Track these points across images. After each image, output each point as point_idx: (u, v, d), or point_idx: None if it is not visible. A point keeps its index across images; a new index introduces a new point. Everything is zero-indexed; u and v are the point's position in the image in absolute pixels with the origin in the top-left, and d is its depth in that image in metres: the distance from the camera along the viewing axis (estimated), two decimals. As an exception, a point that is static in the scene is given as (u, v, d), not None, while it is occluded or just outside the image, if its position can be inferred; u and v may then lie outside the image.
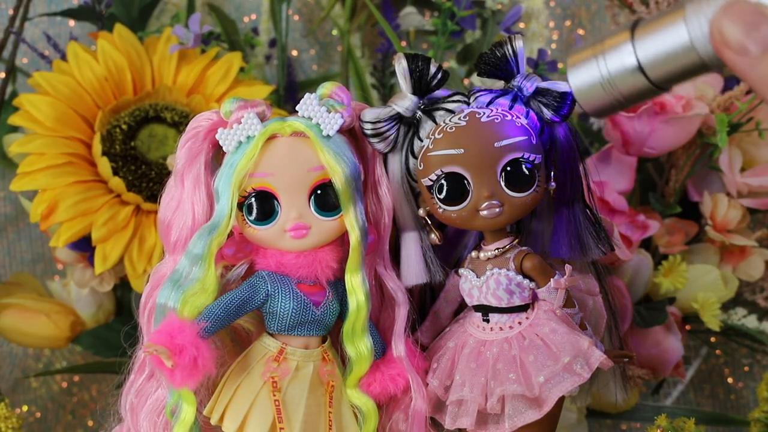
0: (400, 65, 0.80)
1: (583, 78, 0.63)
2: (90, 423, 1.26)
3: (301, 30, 1.31)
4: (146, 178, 1.03)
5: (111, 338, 1.10)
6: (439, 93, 0.82)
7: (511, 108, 0.80)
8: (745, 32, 0.57)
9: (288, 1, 1.20)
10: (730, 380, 1.29)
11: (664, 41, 0.60)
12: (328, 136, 0.78)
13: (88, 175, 1.02)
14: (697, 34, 0.58)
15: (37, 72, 1.04)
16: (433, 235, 0.83)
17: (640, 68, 0.61)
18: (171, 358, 0.73)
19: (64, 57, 1.08)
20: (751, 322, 1.10)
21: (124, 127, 1.04)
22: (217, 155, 0.81)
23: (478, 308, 0.82)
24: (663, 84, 0.61)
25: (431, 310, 0.87)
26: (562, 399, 0.79)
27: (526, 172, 0.78)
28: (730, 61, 0.58)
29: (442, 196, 0.79)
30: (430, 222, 0.83)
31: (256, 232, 0.79)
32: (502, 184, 0.78)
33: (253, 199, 0.78)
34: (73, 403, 1.26)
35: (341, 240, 0.80)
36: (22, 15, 1.15)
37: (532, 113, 0.80)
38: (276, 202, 0.78)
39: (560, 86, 0.80)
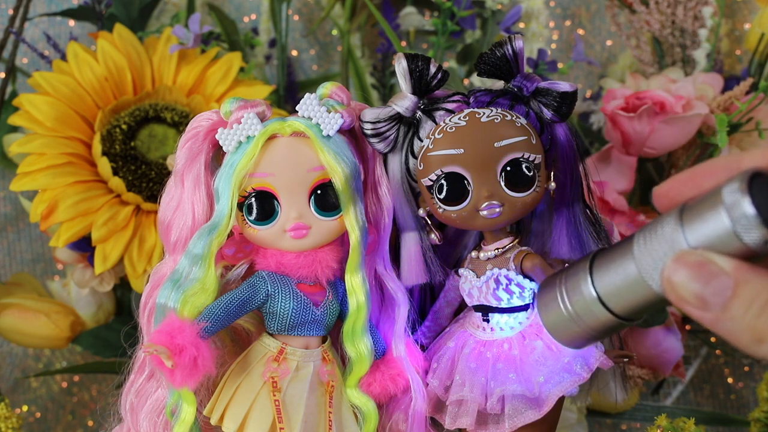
0: (400, 65, 0.80)
1: (552, 315, 0.65)
2: (90, 423, 1.26)
3: (301, 30, 1.31)
4: (146, 178, 1.03)
5: (111, 338, 1.10)
6: (439, 93, 0.82)
7: (511, 108, 0.80)
8: (699, 288, 0.55)
9: (288, 1, 1.20)
10: (730, 380, 1.29)
11: (617, 275, 0.61)
12: (328, 136, 0.78)
13: (88, 175, 1.02)
14: (646, 270, 0.59)
15: (37, 72, 1.04)
16: (433, 235, 0.83)
17: (601, 301, 0.62)
18: (171, 358, 0.73)
19: (64, 57, 1.08)
20: (751, 322, 1.10)
21: (124, 127, 1.04)
22: (217, 155, 0.81)
23: (478, 308, 0.82)
24: (626, 315, 0.62)
25: (431, 311, 0.87)
26: (562, 399, 0.79)
27: (526, 172, 0.78)
28: (695, 316, 0.56)
29: (442, 196, 0.79)
30: (430, 222, 0.83)
31: (256, 232, 0.79)
32: (502, 184, 0.78)
33: (253, 199, 0.78)
34: (73, 403, 1.26)
35: (341, 240, 0.80)
36: (22, 15, 1.15)
37: (532, 113, 0.80)
38: (276, 202, 0.78)
39: (560, 86, 0.80)
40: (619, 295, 0.61)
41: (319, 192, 0.78)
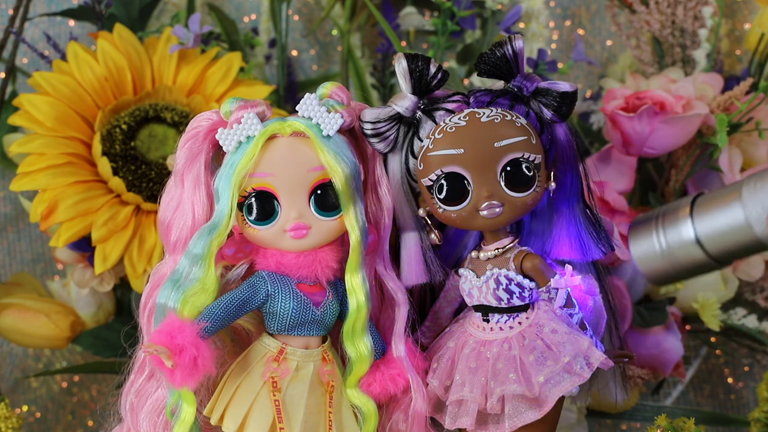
0: (400, 65, 0.80)
1: (644, 248, 0.66)
2: (90, 423, 1.25)
3: (301, 30, 1.31)
4: (146, 178, 1.03)
5: (111, 338, 1.10)
6: (439, 93, 0.82)
7: (511, 108, 0.80)
8: None
9: (288, 1, 1.20)
10: (730, 380, 1.29)
11: (722, 219, 0.62)
12: (328, 136, 0.78)
13: (88, 175, 1.02)
14: (752, 215, 0.60)
15: (37, 72, 1.04)
16: (433, 235, 0.83)
17: (699, 242, 0.62)
18: (171, 358, 0.73)
19: (64, 57, 1.08)
20: (751, 322, 1.10)
21: (124, 127, 1.04)
22: (217, 155, 0.81)
23: (478, 308, 0.82)
24: (721, 258, 0.63)
25: (431, 310, 0.87)
26: (562, 399, 0.79)
27: (526, 172, 0.78)
28: None
29: (442, 196, 0.79)
30: (430, 222, 0.83)
31: (256, 232, 0.79)
32: (502, 184, 0.78)
33: (253, 199, 0.78)
34: (73, 403, 1.26)
35: (341, 240, 0.80)
36: (22, 15, 1.15)
37: (532, 113, 0.80)
38: (276, 202, 0.78)
39: (560, 86, 0.80)
40: (718, 238, 0.62)
41: (319, 192, 0.78)
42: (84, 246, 1.02)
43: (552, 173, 0.81)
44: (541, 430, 0.80)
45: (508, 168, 0.78)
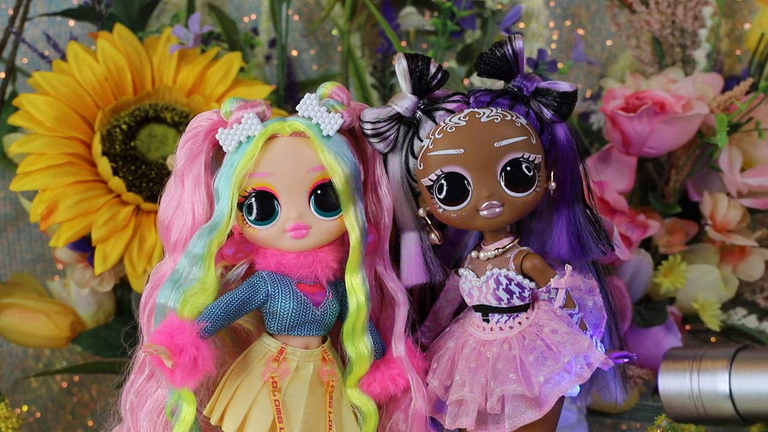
0: (400, 65, 0.80)
1: (674, 385, 0.66)
2: (90, 423, 1.25)
3: (301, 30, 1.31)
4: (146, 178, 1.03)
5: (111, 338, 1.10)
6: (439, 93, 0.82)
7: (511, 108, 0.80)
8: None
9: (288, 1, 1.20)
10: (730, 380, 1.29)
11: (761, 383, 0.61)
12: (328, 136, 0.78)
13: (88, 175, 1.02)
14: None
15: (37, 72, 1.04)
16: (433, 235, 0.83)
17: (731, 398, 0.63)
18: (171, 358, 0.73)
19: (64, 57, 1.08)
20: (751, 322, 1.10)
21: (124, 127, 1.04)
22: (217, 155, 0.81)
23: (478, 308, 0.82)
24: (749, 418, 0.63)
25: (431, 310, 0.87)
26: (562, 399, 0.79)
27: (526, 172, 0.79)
28: None
29: (442, 196, 0.79)
30: (430, 222, 0.83)
31: (256, 232, 0.79)
32: (502, 184, 0.78)
33: (253, 199, 0.78)
34: (73, 403, 1.26)
35: (341, 240, 0.80)
36: (22, 15, 1.15)
37: (532, 113, 0.80)
38: (276, 202, 0.78)
39: (560, 86, 0.80)
40: (752, 401, 0.62)
41: (319, 192, 0.78)
42: (84, 246, 1.02)
43: (552, 173, 0.81)
44: (541, 430, 0.80)
45: (508, 168, 0.78)
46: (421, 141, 0.80)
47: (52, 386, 1.26)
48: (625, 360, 0.85)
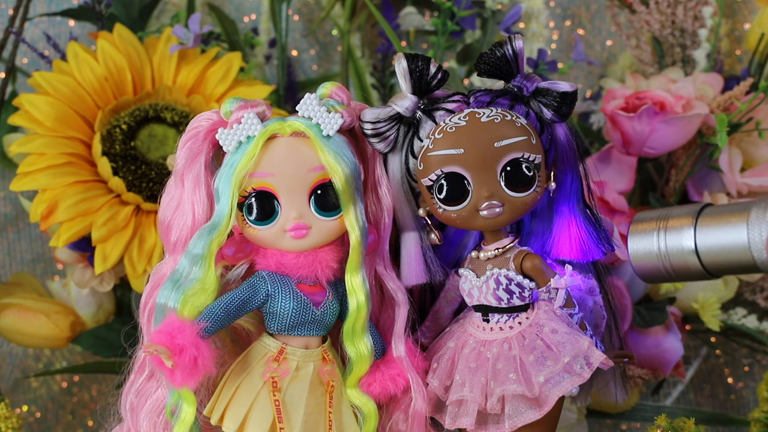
0: (400, 65, 0.80)
1: (642, 245, 0.67)
2: (90, 423, 1.25)
3: (301, 30, 1.31)
4: (146, 178, 1.03)
5: (111, 338, 1.10)
6: (439, 93, 0.82)
7: (511, 108, 0.80)
8: None
9: (288, 1, 1.20)
10: (730, 380, 1.29)
11: (724, 236, 0.62)
12: (328, 136, 0.78)
13: (88, 175, 1.02)
14: (755, 239, 0.60)
15: (37, 72, 1.04)
16: (433, 235, 0.83)
17: (697, 253, 0.63)
18: (171, 358, 0.73)
19: (64, 57, 1.08)
20: (751, 322, 1.10)
21: (124, 127, 1.04)
22: (217, 155, 0.81)
23: (478, 308, 0.82)
24: (714, 271, 0.64)
25: (431, 310, 0.87)
26: (562, 399, 0.79)
27: (526, 172, 0.79)
28: None
29: (442, 196, 0.79)
30: (430, 222, 0.83)
31: (257, 232, 0.79)
32: (502, 184, 0.78)
33: (253, 199, 0.78)
34: (73, 403, 1.26)
35: (341, 240, 0.80)
36: (22, 15, 1.15)
37: (532, 113, 0.80)
38: (276, 202, 0.78)
39: (560, 86, 0.80)
40: (716, 254, 0.63)
41: (319, 192, 0.78)
42: (84, 246, 1.02)
43: (552, 173, 0.81)
44: (541, 430, 0.80)
45: (508, 168, 0.78)
46: (421, 141, 0.80)
47: (52, 386, 1.26)
48: (625, 360, 0.85)
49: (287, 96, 1.22)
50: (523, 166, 0.78)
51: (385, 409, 0.83)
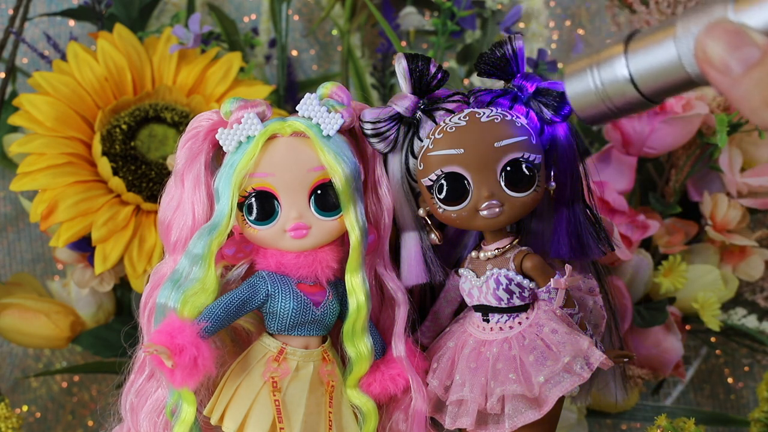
0: (400, 65, 0.80)
1: (579, 87, 0.65)
2: (90, 423, 1.26)
3: (301, 30, 1.31)
4: (146, 178, 1.03)
5: (111, 338, 1.10)
6: (439, 93, 0.82)
7: (511, 108, 0.80)
8: (727, 51, 0.58)
9: (288, 1, 1.20)
10: (730, 380, 1.29)
11: (655, 56, 0.62)
12: (328, 136, 0.78)
13: (88, 175, 1.02)
14: (685, 51, 0.60)
15: (37, 72, 1.04)
16: (433, 235, 0.83)
17: (632, 81, 0.63)
18: (171, 358, 0.73)
19: (64, 57, 1.08)
20: (751, 322, 1.10)
21: (124, 127, 1.04)
22: (217, 155, 0.81)
23: (478, 308, 0.82)
24: (653, 97, 0.63)
25: (431, 310, 0.87)
26: (562, 399, 0.79)
27: (526, 172, 0.78)
28: (713, 79, 0.59)
29: (442, 196, 0.79)
30: (430, 222, 0.83)
31: (257, 232, 0.79)
32: (502, 184, 0.78)
33: (253, 199, 0.78)
34: (73, 403, 1.26)
35: (341, 240, 0.80)
36: (22, 15, 1.15)
37: (532, 113, 0.80)
38: (276, 202, 0.78)
39: (560, 86, 0.80)
40: (651, 77, 0.62)
41: (319, 192, 0.78)
42: (84, 246, 1.02)
43: (552, 173, 0.81)
44: (541, 430, 0.80)
45: (508, 168, 0.78)
46: (421, 141, 0.80)
47: (52, 386, 1.26)
48: (625, 360, 0.85)
49: (287, 96, 1.22)
50: (523, 166, 0.78)
51: (385, 409, 0.83)
